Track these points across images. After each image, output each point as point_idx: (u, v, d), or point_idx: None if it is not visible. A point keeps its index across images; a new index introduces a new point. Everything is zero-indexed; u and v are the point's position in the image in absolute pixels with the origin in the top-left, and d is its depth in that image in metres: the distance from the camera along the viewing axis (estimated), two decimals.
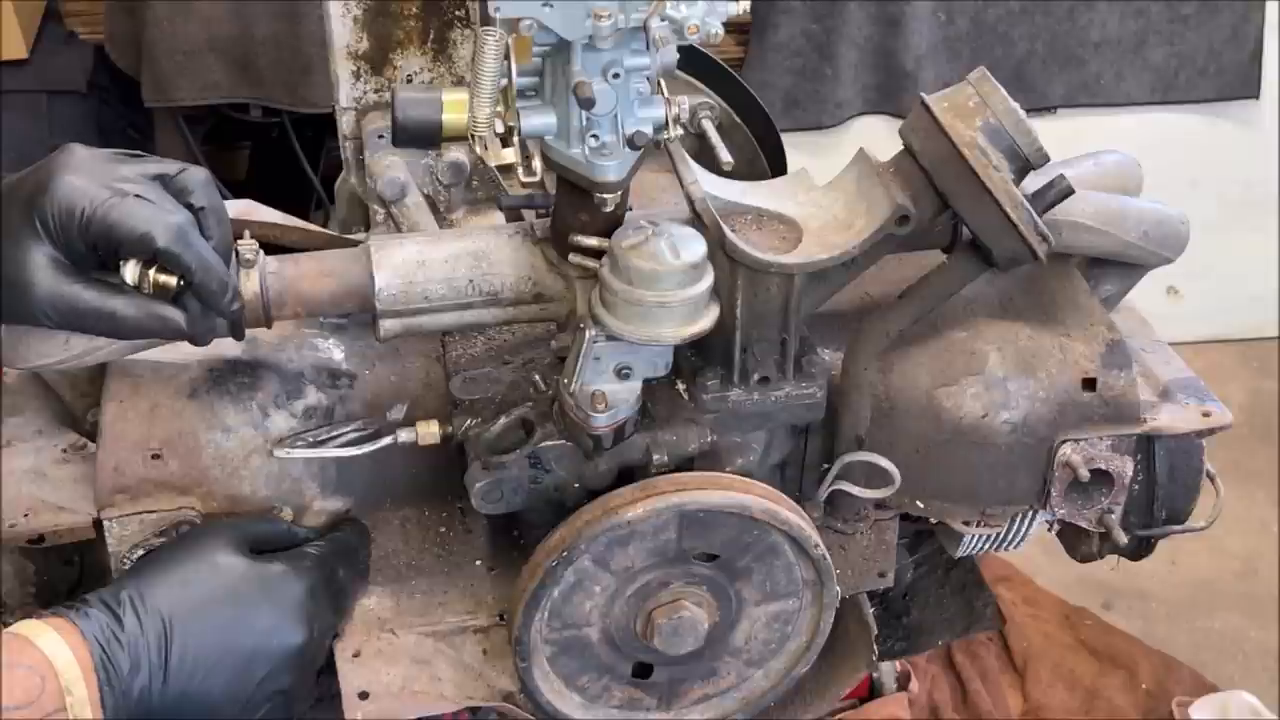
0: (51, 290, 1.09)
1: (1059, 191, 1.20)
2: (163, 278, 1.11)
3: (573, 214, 1.19)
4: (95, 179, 1.10)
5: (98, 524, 1.24)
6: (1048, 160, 1.18)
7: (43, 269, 1.09)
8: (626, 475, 1.23)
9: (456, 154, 1.57)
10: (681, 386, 1.23)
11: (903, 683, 2.52)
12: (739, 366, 1.21)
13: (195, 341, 1.16)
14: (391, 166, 1.54)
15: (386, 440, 1.24)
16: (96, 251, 1.11)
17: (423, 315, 1.23)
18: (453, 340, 1.34)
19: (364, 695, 1.24)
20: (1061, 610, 2.84)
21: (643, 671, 1.30)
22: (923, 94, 1.18)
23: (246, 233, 1.21)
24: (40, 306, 1.10)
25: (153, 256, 1.10)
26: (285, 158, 3.12)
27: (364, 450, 1.24)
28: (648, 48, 1.08)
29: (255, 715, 1.14)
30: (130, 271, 1.10)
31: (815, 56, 3.15)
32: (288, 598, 1.16)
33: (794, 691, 1.40)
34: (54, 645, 1.03)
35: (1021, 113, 1.17)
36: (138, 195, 1.10)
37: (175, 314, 1.13)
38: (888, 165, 1.21)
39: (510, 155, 1.13)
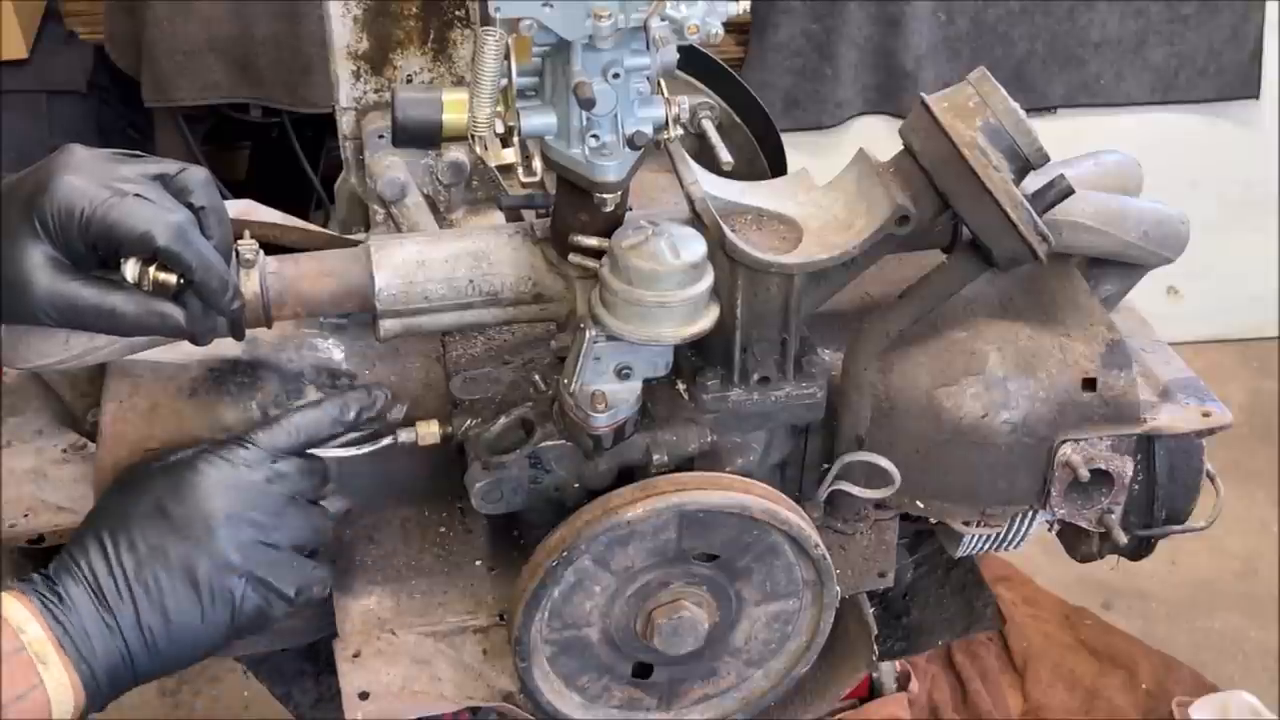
0: (50, 288, 1.09)
1: (1059, 191, 1.20)
2: (162, 276, 1.11)
3: (573, 214, 1.19)
4: (95, 179, 1.10)
5: None
6: (1048, 160, 1.18)
7: (41, 267, 1.09)
8: (626, 475, 1.23)
9: (456, 154, 1.57)
10: (681, 386, 1.23)
11: (903, 683, 2.52)
12: (739, 366, 1.21)
13: (195, 340, 1.16)
14: (391, 166, 1.54)
15: (386, 440, 1.24)
16: (97, 251, 1.11)
17: (423, 315, 1.23)
18: (453, 340, 1.34)
19: (364, 695, 1.24)
20: (1061, 610, 2.84)
21: (643, 671, 1.30)
22: (923, 94, 1.18)
23: (246, 233, 1.21)
24: (39, 304, 1.10)
25: (153, 255, 1.10)
26: (285, 158, 3.12)
27: (364, 450, 1.24)
28: (648, 48, 1.08)
29: (232, 609, 1.13)
30: (130, 270, 1.10)
31: (815, 56, 3.15)
32: (187, 494, 1.14)
33: (794, 691, 1.40)
34: (9, 605, 1.07)
35: (1021, 113, 1.17)
36: (137, 194, 1.10)
37: (175, 310, 1.13)
38: (888, 165, 1.21)
39: (510, 155, 1.13)
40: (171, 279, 1.11)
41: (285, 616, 1.16)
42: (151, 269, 1.11)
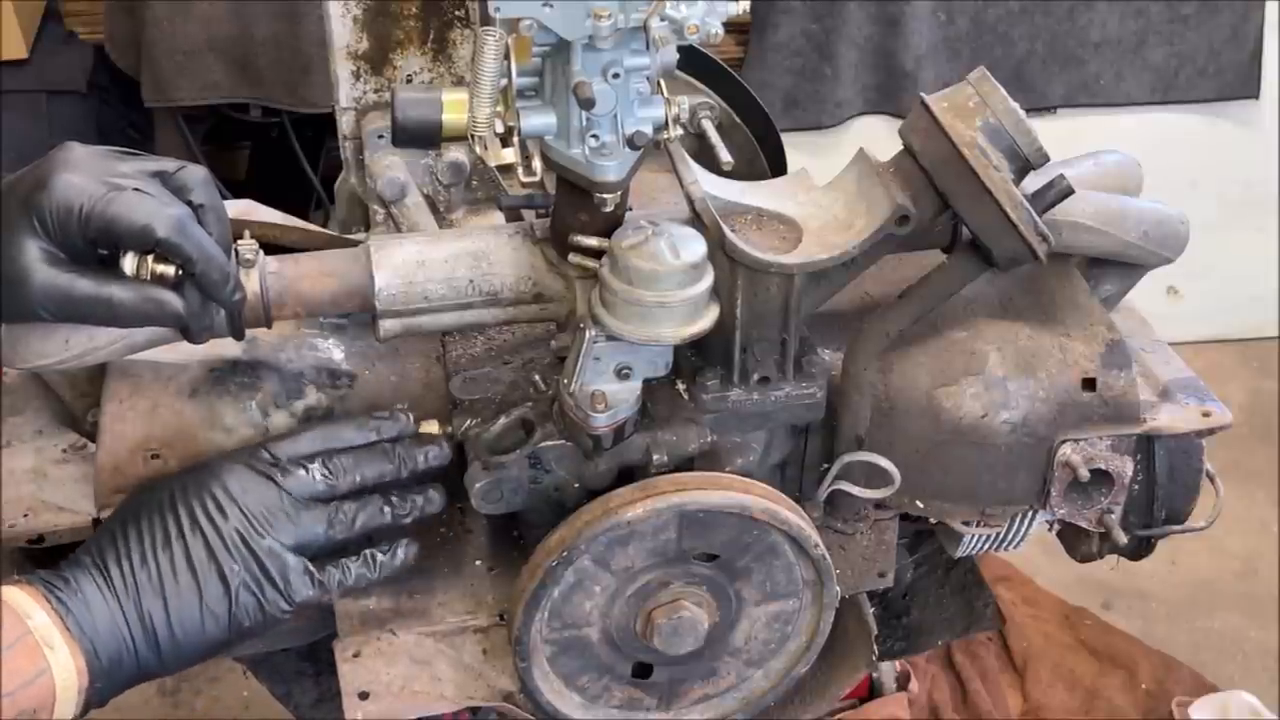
0: (46, 280, 1.09)
1: (1059, 191, 1.20)
2: (160, 267, 1.11)
3: (573, 214, 1.19)
4: (93, 175, 1.10)
5: (97, 524, 1.24)
6: (1048, 160, 1.18)
7: (36, 260, 1.09)
8: (626, 475, 1.23)
9: (456, 154, 1.57)
10: (681, 386, 1.23)
11: (903, 683, 2.52)
12: (739, 366, 1.21)
13: (191, 337, 1.16)
14: (391, 166, 1.54)
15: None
16: (96, 247, 1.11)
17: (423, 315, 1.23)
18: (453, 340, 1.34)
19: (364, 695, 1.24)
20: (1061, 610, 2.84)
21: (643, 671, 1.30)
22: (923, 94, 1.18)
23: (246, 233, 1.21)
24: (36, 298, 1.10)
25: (152, 248, 1.10)
26: (285, 158, 3.12)
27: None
28: (648, 48, 1.08)
29: (229, 600, 1.13)
30: (129, 263, 1.10)
31: (815, 56, 3.16)
32: (198, 486, 1.16)
33: (794, 691, 1.40)
34: (12, 594, 1.07)
35: (1021, 113, 1.17)
36: (136, 189, 1.10)
37: (173, 298, 1.13)
38: (888, 165, 1.21)
39: (510, 155, 1.13)
40: (170, 270, 1.11)
41: (286, 616, 1.16)
42: (150, 260, 1.11)
